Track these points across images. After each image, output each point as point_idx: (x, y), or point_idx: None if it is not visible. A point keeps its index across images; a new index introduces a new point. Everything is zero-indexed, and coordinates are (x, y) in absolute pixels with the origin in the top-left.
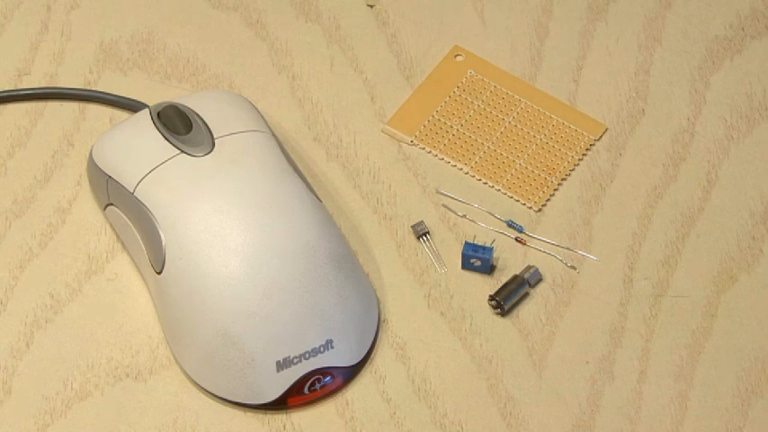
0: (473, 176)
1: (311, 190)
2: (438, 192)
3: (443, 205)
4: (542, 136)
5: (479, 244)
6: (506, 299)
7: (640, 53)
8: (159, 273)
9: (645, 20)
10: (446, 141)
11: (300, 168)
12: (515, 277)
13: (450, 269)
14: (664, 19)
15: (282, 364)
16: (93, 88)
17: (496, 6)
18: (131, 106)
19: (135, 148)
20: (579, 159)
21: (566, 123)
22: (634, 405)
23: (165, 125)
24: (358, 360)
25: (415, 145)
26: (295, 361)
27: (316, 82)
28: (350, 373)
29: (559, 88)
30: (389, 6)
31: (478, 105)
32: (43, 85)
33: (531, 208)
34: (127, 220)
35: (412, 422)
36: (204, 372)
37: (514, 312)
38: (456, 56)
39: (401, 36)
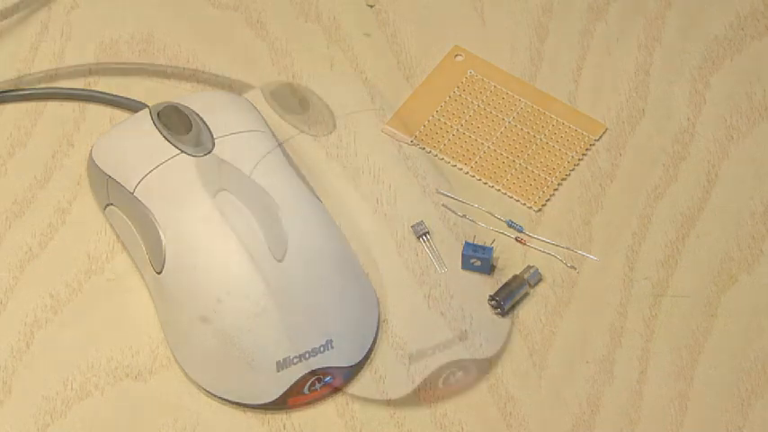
0: (473, 176)
1: (311, 190)
2: (438, 192)
3: (443, 205)
4: (542, 136)
5: (479, 244)
6: (506, 299)
7: (640, 53)
8: (159, 273)
9: (645, 20)
10: (446, 141)
11: (300, 168)
12: (515, 277)
13: (450, 269)
14: (664, 19)
15: (282, 364)
16: (93, 88)
17: (496, 6)
18: (131, 106)
19: (135, 149)
20: (579, 159)
21: (566, 123)
22: (634, 405)
23: (165, 125)
24: (358, 360)
25: (415, 145)
26: (295, 361)
27: (316, 82)
28: (350, 373)
29: (559, 88)
30: (389, 6)
31: (478, 105)
32: (43, 85)
33: (531, 208)
34: (127, 220)
35: (412, 422)
36: (204, 372)
37: (514, 312)
38: (456, 56)
39: (401, 36)
